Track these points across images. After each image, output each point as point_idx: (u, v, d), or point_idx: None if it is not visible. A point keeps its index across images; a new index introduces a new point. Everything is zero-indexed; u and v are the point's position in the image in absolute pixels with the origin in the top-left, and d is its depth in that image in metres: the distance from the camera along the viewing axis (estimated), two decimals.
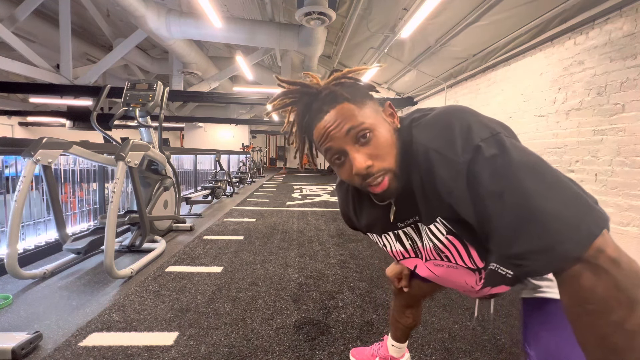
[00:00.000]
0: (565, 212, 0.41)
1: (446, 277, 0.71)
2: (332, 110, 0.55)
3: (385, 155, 0.55)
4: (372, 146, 0.55)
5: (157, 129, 3.14)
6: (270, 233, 3.28)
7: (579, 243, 0.40)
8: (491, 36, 3.90)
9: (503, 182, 0.44)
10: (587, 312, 0.40)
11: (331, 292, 1.93)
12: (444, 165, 0.50)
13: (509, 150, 0.46)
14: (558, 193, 0.42)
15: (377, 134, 0.55)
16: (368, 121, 0.55)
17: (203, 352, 1.32)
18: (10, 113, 11.59)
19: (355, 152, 0.55)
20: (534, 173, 0.44)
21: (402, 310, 1.10)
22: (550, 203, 0.42)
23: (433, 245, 0.64)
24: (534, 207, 0.42)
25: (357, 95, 0.56)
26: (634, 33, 2.37)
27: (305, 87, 0.59)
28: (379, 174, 0.55)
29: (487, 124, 0.50)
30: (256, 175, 10.47)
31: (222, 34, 5.51)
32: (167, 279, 2.05)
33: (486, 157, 0.46)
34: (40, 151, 1.89)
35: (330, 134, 0.55)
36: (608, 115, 2.56)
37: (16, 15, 5.37)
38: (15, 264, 1.79)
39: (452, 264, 0.65)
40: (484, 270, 0.62)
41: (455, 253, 0.62)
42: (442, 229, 0.59)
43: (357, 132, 0.54)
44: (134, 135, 3.58)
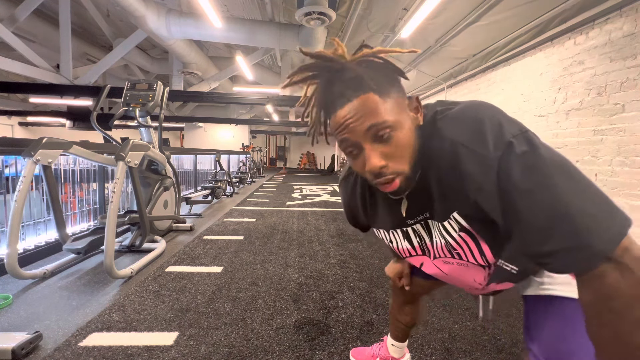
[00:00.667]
0: (595, 212, 0.42)
1: (454, 275, 0.71)
2: (355, 99, 0.51)
3: (402, 157, 0.54)
4: (391, 146, 0.52)
5: (157, 129, 3.14)
6: (270, 233, 3.28)
7: (610, 242, 0.41)
8: (491, 36, 3.91)
9: (535, 179, 0.44)
10: (609, 309, 0.41)
11: (331, 292, 1.93)
12: (473, 160, 0.49)
13: (539, 148, 0.46)
14: (587, 192, 0.43)
15: (398, 133, 0.52)
16: (391, 118, 0.51)
17: (203, 352, 1.32)
18: (10, 113, 11.58)
19: (371, 149, 0.52)
20: (564, 172, 0.44)
21: (401, 308, 1.10)
22: (581, 202, 0.42)
23: (445, 242, 0.63)
24: (566, 205, 0.42)
25: (384, 84, 0.52)
26: (634, 33, 2.37)
27: (329, 61, 0.53)
28: (391, 175, 0.54)
29: (515, 121, 0.50)
30: (256, 175, 10.47)
31: (222, 34, 5.51)
32: (167, 279, 2.05)
33: (517, 154, 0.45)
34: (40, 151, 1.89)
35: (350, 126, 0.52)
36: (608, 115, 2.56)
37: (16, 15, 5.36)
38: (15, 264, 1.79)
39: (462, 262, 0.65)
40: (495, 266, 0.62)
41: (467, 250, 0.62)
42: (455, 226, 0.59)
43: (377, 130, 0.51)
44: (134, 135, 3.58)
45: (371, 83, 0.50)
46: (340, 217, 4.18)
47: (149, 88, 2.97)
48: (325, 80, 0.54)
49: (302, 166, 18.86)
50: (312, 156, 19.28)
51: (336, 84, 0.53)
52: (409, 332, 1.17)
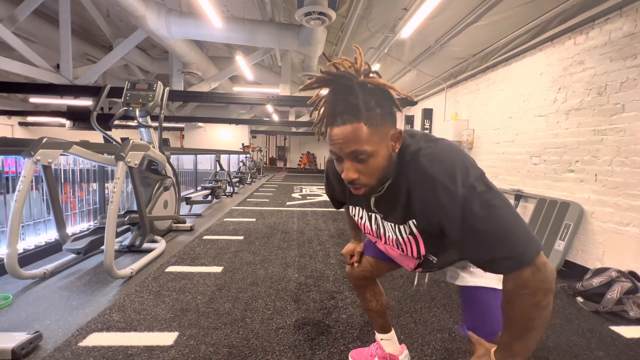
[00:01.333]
0: (525, 234, 0.61)
1: (395, 258, 0.98)
2: (348, 124, 0.63)
3: (372, 175, 0.69)
4: (364, 166, 0.67)
5: (157, 129, 3.14)
6: (270, 233, 3.28)
7: (533, 253, 0.60)
8: (491, 36, 3.90)
9: (489, 210, 0.61)
10: (521, 295, 0.61)
11: (331, 292, 1.93)
12: (446, 194, 0.64)
13: (492, 189, 0.64)
14: (520, 222, 0.62)
15: (373, 160, 0.67)
16: (370, 149, 0.65)
17: (203, 352, 1.32)
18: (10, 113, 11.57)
19: (349, 164, 0.67)
20: (507, 207, 0.63)
21: (364, 297, 1.20)
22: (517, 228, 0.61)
23: (395, 239, 0.83)
24: (508, 229, 0.61)
25: (377, 116, 0.64)
26: (634, 33, 2.37)
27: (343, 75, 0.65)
28: (359, 185, 0.69)
29: (476, 167, 0.67)
30: (256, 175, 10.47)
31: (222, 34, 5.51)
32: (167, 279, 2.05)
33: (478, 192, 0.62)
34: (40, 151, 1.89)
35: (338, 145, 0.66)
36: (608, 115, 2.56)
37: (16, 15, 5.36)
38: (15, 264, 1.79)
39: (403, 253, 0.87)
40: (423, 257, 0.85)
41: (409, 247, 0.82)
42: (407, 229, 0.78)
43: (357, 154, 0.65)
44: (134, 135, 3.58)
45: (365, 115, 0.63)
46: (340, 217, 4.18)
47: (149, 88, 2.97)
48: (335, 90, 0.66)
49: (302, 166, 18.85)
50: (312, 156, 19.28)
51: (340, 102, 0.65)
52: (385, 318, 1.21)
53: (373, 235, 0.92)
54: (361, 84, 0.64)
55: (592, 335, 1.57)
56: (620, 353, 1.43)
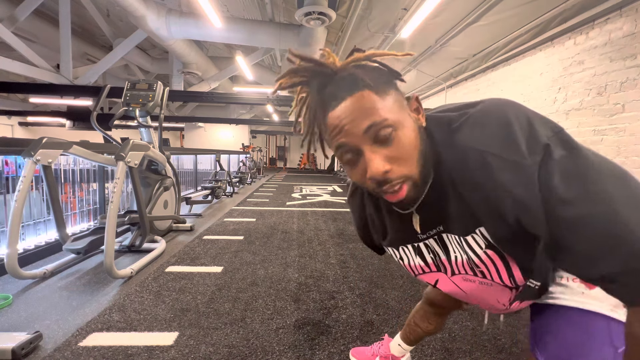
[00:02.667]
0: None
1: (475, 294, 0.62)
2: (349, 98, 0.45)
3: (407, 159, 0.46)
4: (394, 147, 0.46)
5: (157, 129, 3.14)
6: (270, 233, 3.28)
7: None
8: (491, 36, 3.91)
9: (579, 188, 0.39)
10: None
11: (331, 292, 1.93)
12: (508, 170, 0.42)
13: (577, 150, 0.41)
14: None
15: (401, 133, 0.46)
16: (391, 116, 0.45)
17: (203, 352, 1.32)
18: (10, 113, 11.57)
19: (372, 152, 0.46)
20: (616, 179, 0.39)
21: (428, 317, 1.04)
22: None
23: (467, 259, 0.56)
24: (625, 219, 0.36)
25: (380, 82, 0.46)
26: (634, 33, 2.37)
27: (320, 66, 0.48)
28: (398, 181, 0.47)
29: (546, 119, 0.44)
30: (256, 175, 10.47)
31: (222, 34, 5.51)
32: (167, 279, 2.05)
33: (556, 159, 0.40)
34: (40, 151, 1.89)
35: (345, 129, 0.45)
36: (608, 115, 2.56)
37: (16, 15, 5.36)
38: (15, 264, 1.79)
39: (486, 280, 0.57)
40: (523, 286, 0.54)
41: (492, 269, 0.54)
42: (481, 242, 0.52)
43: (377, 130, 0.45)
44: (134, 135, 3.58)
45: (365, 79, 0.45)
46: (340, 217, 4.18)
47: (149, 88, 2.97)
48: (316, 86, 0.49)
49: (302, 166, 18.86)
50: (312, 156, 19.29)
51: (328, 87, 0.47)
52: (424, 338, 1.13)
53: (431, 272, 0.64)
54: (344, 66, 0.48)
55: None
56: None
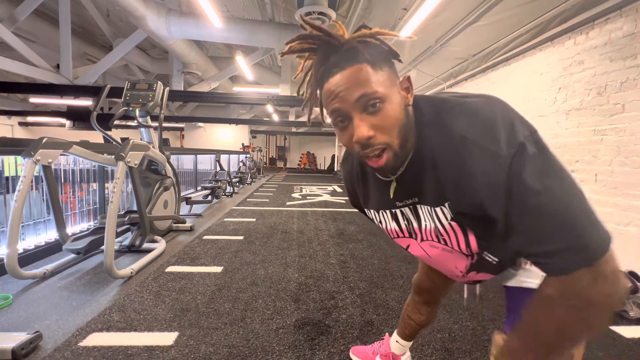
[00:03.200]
0: (592, 219, 0.45)
1: (438, 259, 0.72)
2: (348, 68, 0.51)
3: (390, 129, 0.53)
4: (379, 117, 0.52)
5: (157, 129, 3.14)
6: (270, 233, 3.28)
7: (598, 250, 0.44)
8: (491, 36, 3.90)
9: (544, 182, 0.46)
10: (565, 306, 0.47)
11: (331, 292, 1.93)
12: (484, 158, 0.49)
13: (546, 151, 0.48)
14: (584, 201, 0.46)
15: (388, 105, 0.53)
16: (381, 90, 0.52)
17: (203, 352, 1.32)
18: (10, 113, 11.56)
19: (360, 119, 0.53)
20: (566, 178, 0.47)
21: (418, 307, 1.10)
22: (582, 208, 0.46)
23: (434, 227, 0.64)
24: (570, 209, 0.45)
25: (379, 58, 0.53)
26: (634, 33, 2.37)
27: (328, 36, 0.54)
28: (379, 146, 0.54)
29: (525, 121, 0.51)
30: (256, 175, 10.47)
31: (222, 34, 5.51)
32: (167, 279, 2.05)
33: (529, 155, 0.47)
34: (40, 151, 1.89)
35: (340, 95, 0.52)
36: (608, 115, 2.56)
37: (16, 15, 5.36)
38: (15, 264, 1.79)
39: (447, 248, 0.66)
40: (477, 255, 0.64)
41: (453, 238, 0.63)
42: (447, 214, 0.59)
43: (367, 100, 0.51)
44: (134, 135, 3.58)
45: (366, 54, 0.51)
46: (340, 217, 4.18)
47: (149, 88, 2.97)
48: (322, 54, 0.55)
49: (302, 166, 18.85)
50: (312, 156, 19.28)
51: (332, 56, 0.53)
52: (418, 331, 1.16)
53: (404, 237, 0.73)
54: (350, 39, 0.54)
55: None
56: (620, 353, 1.43)
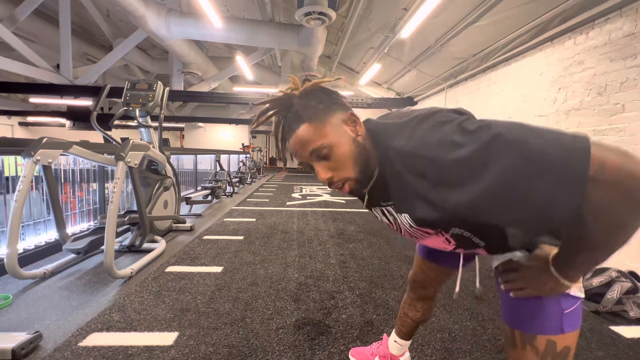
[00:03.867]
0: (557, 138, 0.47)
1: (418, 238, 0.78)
2: (297, 130, 0.62)
3: (344, 167, 0.64)
4: (332, 161, 0.63)
5: (157, 129, 3.14)
6: (270, 233, 3.28)
7: (581, 153, 0.44)
8: (491, 36, 3.91)
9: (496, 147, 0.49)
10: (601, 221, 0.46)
11: (331, 292, 1.93)
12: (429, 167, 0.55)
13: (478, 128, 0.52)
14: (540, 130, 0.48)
15: (336, 150, 0.63)
16: (327, 140, 0.62)
17: (203, 352, 1.32)
18: (10, 113, 11.58)
19: (318, 167, 0.64)
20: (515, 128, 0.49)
21: (414, 303, 1.12)
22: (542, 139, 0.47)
23: (406, 228, 0.72)
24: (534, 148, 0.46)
25: (319, 112, 0.62)
26: (634, 33, 2.37)
27: (280, 99, 0.65)
28: (339, 182, 0.65)
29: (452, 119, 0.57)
30: (256, 175, 10.47)
31: (222, 34, 5.51)
32: (167, 279, 2.05)
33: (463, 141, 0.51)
34: (40, 151, 1.89)
35: (298, 154, 0.65)
36: (608, 115, 2.56)
37: (16, 15, 5.37)
38: (15, 264, 1.79)
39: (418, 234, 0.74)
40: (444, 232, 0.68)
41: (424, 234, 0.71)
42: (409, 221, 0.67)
43: (317, 153, 0.63)
44: (134, 135, 3.58)
45: (306, 115, 0.62)
46: (340, 217, 4.18)
47: (149, 88, 2.97)
48: (280, 115, 0.66)
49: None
50: None
51: (285, 120, 0.65)
52: (416, 329, 1.17)
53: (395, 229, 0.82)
54: (300, 96, 0.63)
55: (592, 335, 1.57)
56: (620, 353, 1.43)
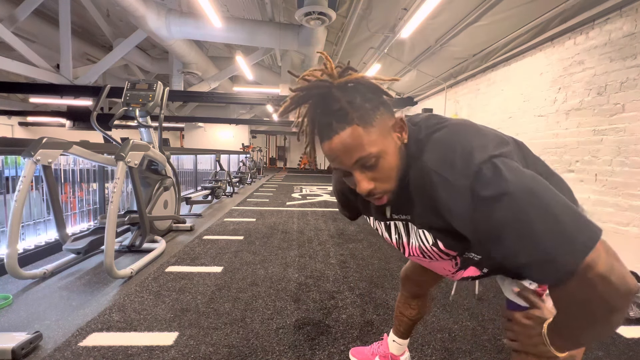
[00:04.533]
0: (563, 227, 0.45)
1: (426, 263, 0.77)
2: (341, 132, 0.55)
3: (388, 178, 0.59)
4: (377, 171, 0.58)
5: (157, 129, 3.14)
6: (270, 233, 3.28)
7: (575, 255, 0.44)
8: (491, 36, 3.91)
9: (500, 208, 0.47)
10: (570, 312, 0.50)
11: (331, 292, 1.93)
12: (444, 187, 0.53)
13: (503, 173, 0.48)
14: (556, 209, 0.46)
15: (383, 160, 0.57)
16: (375, 149, 0.56)
17: (203, 352, 1.32)
18: (10, 113, 11.56)
19: (360, 175, 0.58)
20: (531, 192, 0.47)
21: (408, 301, 1.10)
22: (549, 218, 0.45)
23: (418, 246, 0.69)
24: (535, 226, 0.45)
25: (368, 112, 0.56)
26: (634, 33, 2.37)
27: (317, 84, 0.57)
28: (380, 194, 0.60)
29: (487, 145, 0.53)
30: (256, 175, 10.47)
31: (222, 34, 5.51)
32: (167, 279, 2.05)
33: (485, 181, 0.49)
34: (40, 151, 1.89)
35: (338, 159, 0.58)
36: (608, 115, 2.56)
37: (16, 15, 5.36)
38: (15, 264, 1.79)
39: (430, 260, 0.73)
40: (459, 257, 0.68)
41: (437, 256, 0.68)
42: (429, 238, 0.65)
43: (364, 162, 0.56)
44: (134, 135, 3.58)
45: (355, 115, 0.54)
46: (340, 217, 4.18)
47: (149, 88, 2.97)
48: (314, 103, 0.58)
49: (302, 166, 18.85)
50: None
51: (323, 114, 0.57)
52: (413, 327, 1.16)
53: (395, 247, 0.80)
54: (339, 86, 0.56)
55: None
56: (620, 353, 1.43)
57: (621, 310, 0.45)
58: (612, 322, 0.47)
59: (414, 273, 1.06)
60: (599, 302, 0.45)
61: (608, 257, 0.44)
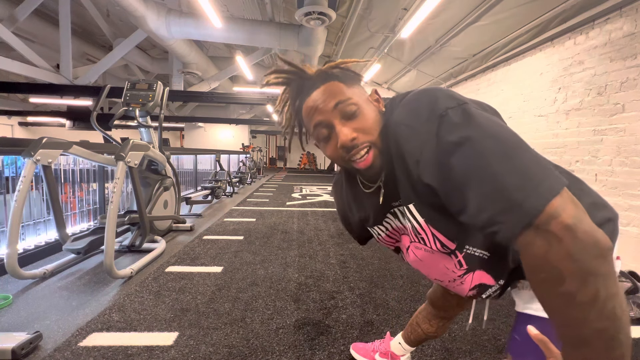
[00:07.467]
0: (526, 172, 0.42)
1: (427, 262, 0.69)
2: (322, 86, 0.59)
3: (370, 129, 0.58)
4: (358, 120, 0.58)
5: (157, 129, 3.14)
6: (270, 233, 3.28)
7: (539, 198, 0.40)
8: (491, 36, 3.91)
9: (466, 147, 0.45)
10: (540, 281, 0.41)
11: (331, 292, 1.93)
12: (410, 136, 0.51)
13: (473, 117, 0.47)
14: (520, 155, 0.43)
15: (363, 110, 0.59)
16: (355, 98, 0.58)
17: (203, 352, 1.32)
18: (10, 113, 11.56)
19: (341, 125, 0.58)
20: (496, 138, 0.45)
21: (430, 318, 1.07)
22: (512, 163, 0.42)
23: (412, 226, 0.65)
24: (497, 169, 0.43)
25: (347, 78, 0.61)
26: (634, 33, 2.37)
27: (301, 71, 0.62)
28: (363, 146, 0.58)
29: (455, 97, 0.51)
30: (256, 175, 10.46)
31: (222, 34, 5.51)
32: (167, 279, 2.05)
33: (451, 123, 0.47)
34: (40, 151, 1.89)
35: (319, 108, 0.58)
36: (608, 115, 2.56)
37: (16, 15, 5.36)
38: (15, 264, 1.79)
39: (427, 248, 0.65)
40: (458, 252, 0.61)
41: (430, 235, 0.63)
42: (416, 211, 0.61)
43: (344, 107, 0.57)
44: (134, 135, 3.58)
45: (335, 74, 0.60)
46: None
47: (149, 88, 2.97)
48: (296, 86, 0.62)
49: (302, 166, 18.85)
50: (312, 156, 19.28)
51: (307, 80, 0.61)
52: (424, 341, 1.13)
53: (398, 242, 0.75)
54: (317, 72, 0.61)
55: None
56: None
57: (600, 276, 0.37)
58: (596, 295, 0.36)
59: (440, 298, 1.02)
60: (568, 264, 0.37)
61: (575, 208, 0.40)
